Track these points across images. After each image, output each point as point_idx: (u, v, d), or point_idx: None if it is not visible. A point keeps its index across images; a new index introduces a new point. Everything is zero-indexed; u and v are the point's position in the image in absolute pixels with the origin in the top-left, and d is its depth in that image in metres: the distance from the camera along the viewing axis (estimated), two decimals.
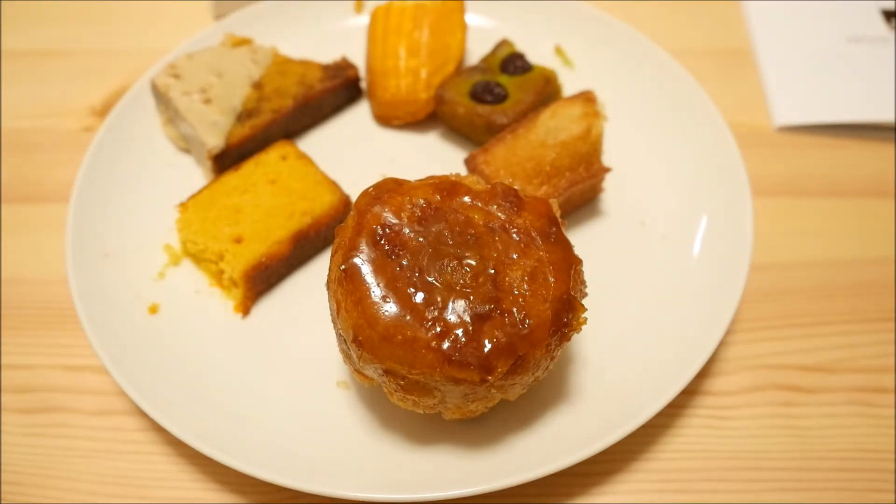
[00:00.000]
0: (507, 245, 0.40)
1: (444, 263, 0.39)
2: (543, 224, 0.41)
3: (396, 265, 0.39)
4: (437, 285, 0.39)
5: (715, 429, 0.49)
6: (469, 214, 0.41)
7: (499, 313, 0.38)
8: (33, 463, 0.48)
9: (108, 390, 0.50)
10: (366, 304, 0.38)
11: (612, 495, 0.46)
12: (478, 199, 0.42)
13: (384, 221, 0.40)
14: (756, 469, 0.47)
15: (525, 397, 0.47)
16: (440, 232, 0.40)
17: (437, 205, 0.41)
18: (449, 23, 0.64)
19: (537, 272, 0.40)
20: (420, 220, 0.40)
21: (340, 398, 0.48)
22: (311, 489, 0.42)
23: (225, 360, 0.49)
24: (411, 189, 0.42)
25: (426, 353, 0.37)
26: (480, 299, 0.38)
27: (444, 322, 0.38)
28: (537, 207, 0.42)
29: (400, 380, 0.39)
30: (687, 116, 0.60)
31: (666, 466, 0.47)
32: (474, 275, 0.39)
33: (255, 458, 0.43)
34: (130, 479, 0.47)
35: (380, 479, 0.43)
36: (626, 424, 0.44)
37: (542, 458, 0.43)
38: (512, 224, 0.41)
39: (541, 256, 0.40)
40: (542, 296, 0.39)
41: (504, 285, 0.39)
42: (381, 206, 0.41)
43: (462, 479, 0.43)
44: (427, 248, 0.40)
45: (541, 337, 0.38)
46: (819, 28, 0.73)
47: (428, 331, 0.37)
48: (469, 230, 0.40)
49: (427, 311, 0.38)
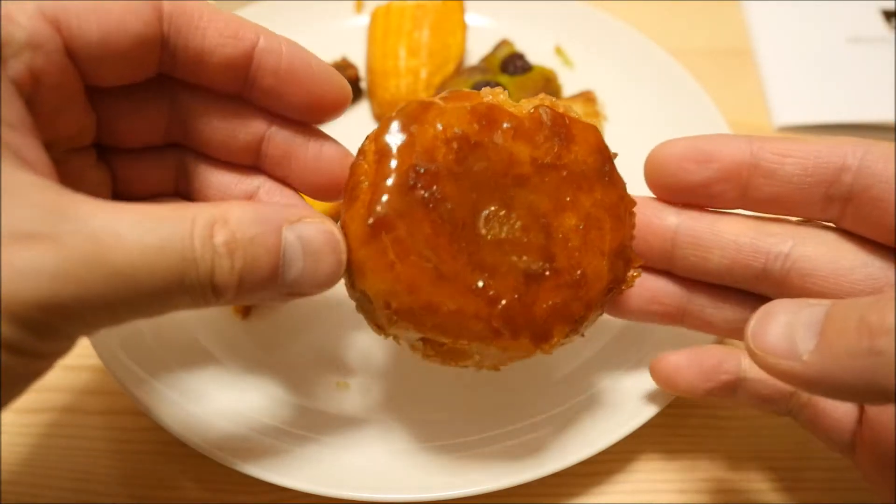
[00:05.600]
0: (557, 187, 0.35)
1: (491, 213, 0.34)
2: (596, 160, 0.36)
3: (437, 216, 0.32)
4: (484, 241, 0.33)
5: (715, 429, 0.49)
6: (513, 150, 0.35)
7: (554, 272, 0.34)
8: (33, 463, 0.48)
9: (108, 390, 0.50)
10: (402, 268, 0.32)
11: (612, 495, 0.46)
12: (521, 129, 0.35)
13: (417, 161, 0.33)
14: (755, 469, 0.47)
15: (526, 396, 0.47)
16: (483, 173, 0.34)
17: (477, 137, 0.34)
18: (449, 23, 0.64)
19: (591, 219, 0.35)
20: (458, 157, 0.34)
21: (340, 398, 0.48)
22: (311, 489, 0.42)
23: (225, 360, 0.49)
24: (443, 115, 0.34)
25: (475, 324, 0.33)
26: (533, 256, 0.33)
27: (495, 286, 0.33)
28: (588, 138, 0.36)
29: (439, 346, 0.35)
30: (687, 116, 0.60)
31: (666, 466, 0.47)
32: (525, 226, 0.34)
33: (255, 458, 0.43)
34: (131, 479, 0.47)
35: (380, 479, 0.43)
36: (626, 424, 0.44)
37: (542, 459, 0.43)
38: (562, 160, 0.35)
39: (595, 200, 0.35)
40: (598, 248, 0.35)
41: (557, 237, 0.34)
42: (410, 141, 0.33)
43: (462, 479, 0.43)
44: (470, 192, 0.33)
45: (598, 297, 0.35)
46: (819, 28, 0.73)
47: (477, 297, 0.32)
48: (515, 170, 0.34)
49: (474, 275, 0.32)
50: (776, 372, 0.28)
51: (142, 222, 0.27)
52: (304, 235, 0.30)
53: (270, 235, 0.29)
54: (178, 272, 0.27)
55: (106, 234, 0.26)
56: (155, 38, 0.32)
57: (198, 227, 0.28)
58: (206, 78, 0.35)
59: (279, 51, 0.34)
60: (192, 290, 0.28)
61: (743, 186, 0.36)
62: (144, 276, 0.26)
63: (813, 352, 0.26)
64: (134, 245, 0.26)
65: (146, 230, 0.27)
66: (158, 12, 0.32)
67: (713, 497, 0.46)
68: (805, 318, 0.27)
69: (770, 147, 0.35)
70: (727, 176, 0.36)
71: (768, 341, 0.28)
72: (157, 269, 0.26)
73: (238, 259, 0.28)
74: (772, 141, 0.36)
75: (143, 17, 0.32)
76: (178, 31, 0.33)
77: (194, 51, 0.33)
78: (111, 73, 0.33)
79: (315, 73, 0.35)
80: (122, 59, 0.32)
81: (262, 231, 0.29)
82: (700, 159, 0.37)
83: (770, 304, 0.29)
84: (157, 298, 0.27)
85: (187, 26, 0.33)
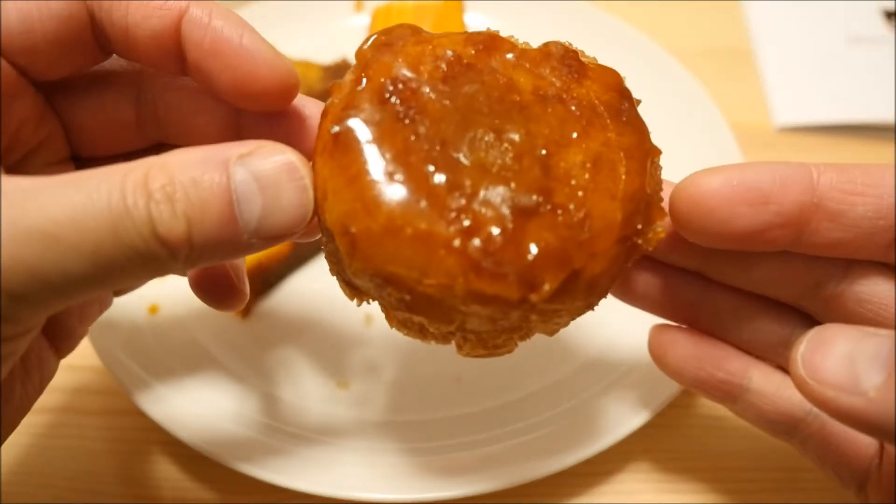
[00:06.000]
0: (563, 120, 0.29)
1: (477, 135, 0.28)
2: (613, 98, 0.31)
3: (411, 132, 0.28)
4: (465, 164, 0.28)
5: (715, 429, 0.49)
6: (513, 76, 0.30)
7: (549, 208, 0.27)
8: (33, 463, 0.48)
9: (108, 390, 0.50)
10: (364, 183, 0.27)
11: (612, 495, 0.46)
12: (525, 59, 0.31)
13: (397, 74, 0.29)
14: (755, 469, 0.47)
15: (526, 396, 0.47)
16: (473, 95, 0.29)
17: (471, 60, 0.30)
18: (449, 23, 0.64)
19: (603, 159, 0.29)
20: (446, 77, 0.29)
21: (340, 398, 0.48)
22: (311, 489, 0.42)
23: (225, 360, 0.49)
24: (435, 37, 0.31)
25: (446, 256, 0.26)
26: (525, 187, 0.27)
27: (473, 213, 0.27)
28: (604, 77, 0.31)
29: (405, 293, 0.28)
30: (687, 116, 0.60)
31: (666, 466, 0.47)
32: (518, 154, 0.28)
33: (255, 458, 0.43)
34: (131, 478, 0.47)
35: (379, 479, 0.43)
36: (625, 424, 0.44)
37: (543, 458, 0.43)
38: (570, 94, 0.30)
39: (608, 139, 0.29)
40: (609, 190, 0.28)
41: (558, 172, 0.28)
42: (392, 56, 0.30)
43: (462, 479, 0.43)
44: (454, 113, 0.29)
45: (605, 244, 0.28)
46: (819, 28, 0.73)
47: (450, 224, 0.26)
48: (512, 96, 0.29)
49: (450, 197, 0.27)
50: (833, 407, 0.24)
51: (69, 181, 0.24)
52: (257, 169, 0.26)
53: (215, 173, 0.25)
54: (110, 225, 0.24)
55: (26, 197, 0.23)
56: (81, 16, 0.29)
57: (130, 176, 0.25)
58: (141, 57, 0.31)
59: (205, 22, 0.30)
60: (135, 246, 0.24)
61: (801, 231, 0.30)
62: (71, 233, 0.23)
63: (881, 388, 0.23)
64: (57, 202, 0.23)
65: (73, 187, 0.24)
66: None
67: (713, 497, 0.46)
68: (871, 348, 0.24)
69: (836, 182, 0.30)
70: (787, 220, 0.30)
71: (826, 371, 0.24)
72: (84, 226, 0.23)
73: (179, 203, 0.25)
74: (836, 171, 0.30)
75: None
76: (100, 4, 0.29)
77: (120, 26, 0.30)
78: (47, 62, 0.30)
79: (244, 50, 0.30)
80: (52, 45, 0.29)
81: (204, 170, 0.25)
82: (755, 200, 0.30)
83: (823, 328, 0.26)
84: (97, 261, 0.24)
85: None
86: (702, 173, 0.32)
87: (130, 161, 0.26)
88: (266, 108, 0.32)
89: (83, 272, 0.24)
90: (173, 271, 0.27)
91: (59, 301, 0.25)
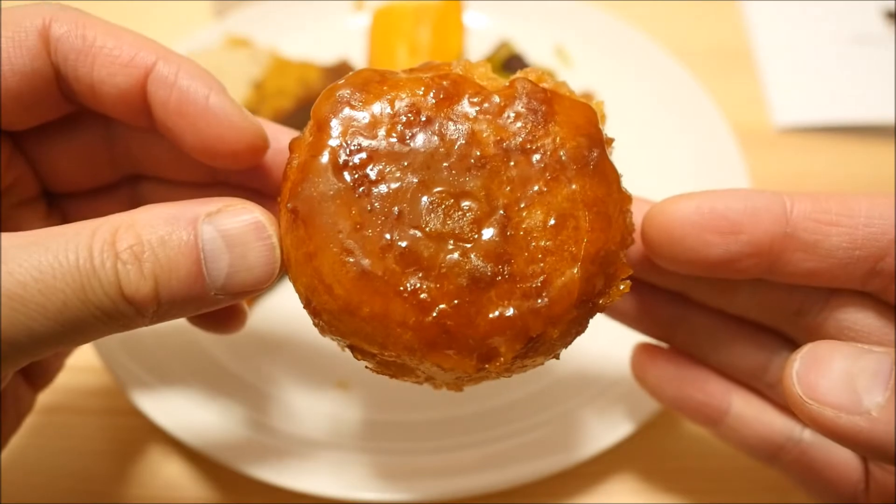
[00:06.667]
0: (525, 175, 0.28)
1: (435, 203, 0.28)
2: (580, 144, 0.29)
3: (367, 203, 0.28)
4: (421, 235, 0.28)
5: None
6: (475, 128, 0.29)
7: (507, 276, 0.27)
8: (33, 463, 0.48)
9: (108, 390, 0.50)
10: (321, 261, 0.27)
11: (612, 495, 0.46)
12: (489, 106, 0.29)
13: (352, 139, 0.28)
14: (755, 469, 0.47)
15: (526, 397, 0.47)
16: (432, 153, 0.28)
17: (430, 112, 0.29)
18: (449, 23, 0.64)
19: (566, 216, 0.28)
20: (403, 135, 0.29)
21: (340, 398, 0.48)
22: (311, 490, 0.42)
23: (225, 361, 0.49)
24: (396, 86, 0.30)
25: (402, 333, 0.27)
26: (482, 256, 0.27)
27: (428, 288, 0.27)
28: (573, 117, 0.30)
29: (369, 357, 0.29)
30: (687, 116, 0.60)
31: (666, 466, 0.47)
32: (476, 219, 0.28)
33: (255, 458, 0.43)
34: (130, 479, 0.47)
35: (379, 479, 0.43)
36: (625, 424, 0.44)
37: (542, 459, 0.43)
38: (535, 142, 0.29)
39: (572, 193, 0.28)
40: (570, 252, 0.28)
41: (517, 235, 0.28)
42: (350, 112, 0.29)
43: (462, 479, 0.43)
44: (413, 176, 0.28)
45: (562, 311, 0.28)
46: (819, 28, 0.73)
47: (405, 300, 0.27)
48: (473, 151, 0.29)
49: (405, 273, 0.27)
50: (832, 427, 0.23)
51: (37, 241, 0.24)
52: (224, 227, 0.26)
53: (183, 231, 0.25)
54: (77, 285, 0.24)
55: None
56: (46, 71, 0.29)
57: (98, 235, 0.24)
58: (108, 111, 0.30)
59: (170, 81, 0.29)
60: (102, 306, 0.24)
61: (774, 261, 0.29)
62: (37, 295, 0.23)
63: (885, 407, 0.22)
64: (24, 265, 0.23)
65: (41, 249, 0.24)
66: (46, 40, 0.28)
67: (713, 497, 0.46)
68: (871, 365, 0.23)
69: (811, 212, 0.29)
70: (758, 250, 0.29)
71: (824, 390, 0.23)
72: (52, 286, 0.23)
73: (147, 262, 0.25)
74: (810, 200, 0.29)
75: (30, 50, 0.28)
76: (64, 59, 0.29)
77: (85, 82, 0.29)
78: (12, 115, 0.30)
79: (210, 112, 0.29)
80: (16, 100, 0.29)
81: (172, 230, 0.25)
82: (725, 229, 0.29)
83: (817, 345, 0.25)
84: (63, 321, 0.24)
85: (74, 54, 0.29)
86: (673, 200, 0.31)
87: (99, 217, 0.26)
88: (233, 167, 0.32)
89: (50, 331, 0.24)
90: (139, 326, 0.27)
91: (24, 358, 0.25)
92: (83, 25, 0.29)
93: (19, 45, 0.28)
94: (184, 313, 0.27)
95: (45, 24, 0.28)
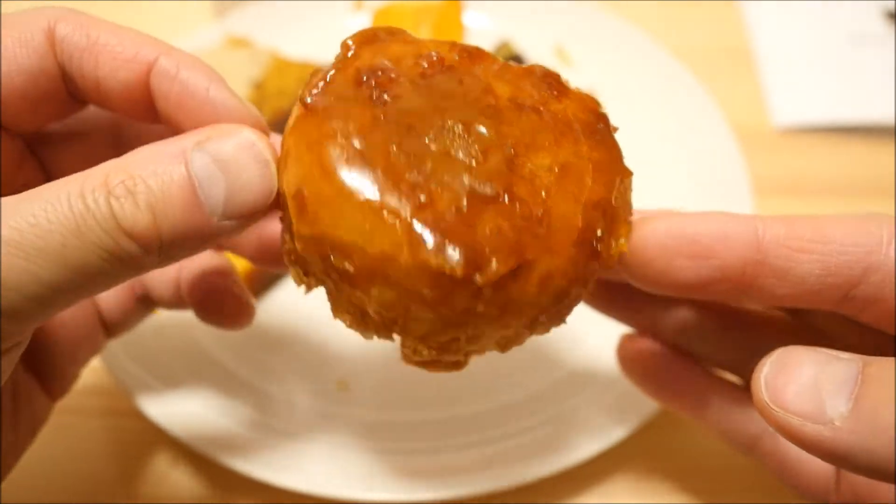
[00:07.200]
0: (535, 127, 0.29)
1: (447, 125, 0.28)
2: (589, 117, 0.30)
3: (380, 112, 0.28)
4: (429, 148, 0.27)
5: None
6: (492, 83, 0.30)
7: (508, 200, 0.27)
8: (33, 463, 0.48)
9: (108, 390, 0.50)
10: (325, 147, 0.27)
11: (612, 495, 0.46)
12: (507, 71, 0.31)
13: (376, 63, 0.29)
14: (755, 469, 0.47)
15: (526, 396, 0.47)
16: (449, 91, 0.29)
17: (453, 63, 0.30)
18: (449, 23, 0.64)
19: (571, 166, 0.28)
20: (425, 73, 0.29)
21: (340, 398, 0.48)
22: (310, 490, 0.42)
23: (225, 360, 0.49)
24: (421, 41, 0.31)
25: (393, 224, 0.26)
26: (486, 176, 0.27)
27: (428, 190, 0.26)
28: (584, 100, 0.31)
29: (348, 262, 0.27)
30: (687, 116, 0.61)
31: (666, 466, 0.47)
32: (484, 148, 0.28)
33: (255, 458, 0.43)
34: (131, 479, 0.47)
35: (378, 479, 0.43)
36: (625, 424, 0.44)
37: (543, 458, 0.43)
38: (547, 107, 0.30)
39: (580, 150, 0.29)
40: (573, 193, 0.28)
41: (523, 170, 0.28)
42: (375, 48, 0.30)
43: (462, 479, 0.43)
44: (427, 103, 0.29)
45: (561, 243, 0.27)
46: (819, 28, 0.73)
47: (403, 196, 0.26)
48: (489, 99, 0.29)
49: (408, 173, 0.27)
50: (797, 435, 0.23)
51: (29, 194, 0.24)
52: (216, 151, 0.26)
53: (172, 162, 0.26)
54: (73, 226, 0.24)
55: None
56: (52, 70, 0.29)
57: (89, 179, 0.25)
58: (114, 107, 0.31)
59: (172, 74, 0.29)
60: (103, 244, 0.24)
61: (747, 286, 0.29)
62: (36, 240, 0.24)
63: (848, 417, 0.22)
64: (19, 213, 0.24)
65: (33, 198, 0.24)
66: (51, 40, 0.29)
67: (713, 497, 0.46)
68: (836, 373, 0.23)
69: (783, 238, 0.28)
70: (728, 276, 0.29)
71: (790, 397, 0.23)
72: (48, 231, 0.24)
73: (141, 194, 0.25)
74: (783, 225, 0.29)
75: (36, 50, 0.29)
76: (69, 57, 0.29)
77: (90, 78, 0.30)
78: (20, 116, 0.30)
79: (210, 102, 0.30)
80: (23, 99, 0.29)
81: (162, 161, 0.26)
82: (695, 254, 0.29)
83: (787, 350, 0.25)
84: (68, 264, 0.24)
85: (79, 52, 0.29)
86: (643, 220, 0.31)
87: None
88: None
89: (57, 277, 0.24)
90: (152, 266, 0.27)
91: (40, 310, 0.25)
92: (87, 25, 0.29)
93: (25, 46, 0.29)
94: (193, 248, 0.27)
95: (51, 25, 0.29)
